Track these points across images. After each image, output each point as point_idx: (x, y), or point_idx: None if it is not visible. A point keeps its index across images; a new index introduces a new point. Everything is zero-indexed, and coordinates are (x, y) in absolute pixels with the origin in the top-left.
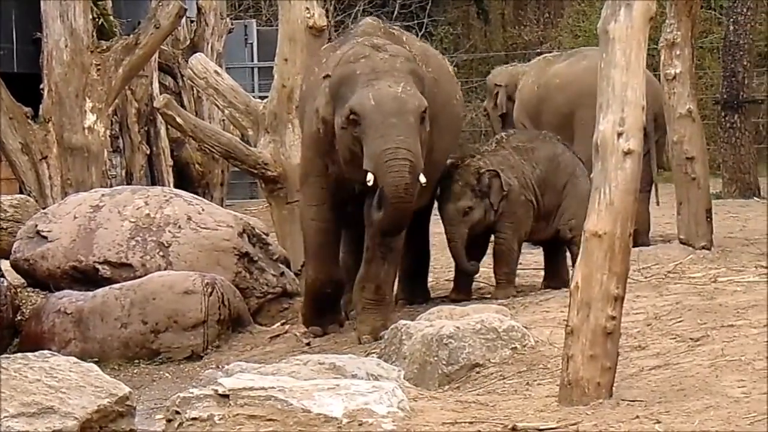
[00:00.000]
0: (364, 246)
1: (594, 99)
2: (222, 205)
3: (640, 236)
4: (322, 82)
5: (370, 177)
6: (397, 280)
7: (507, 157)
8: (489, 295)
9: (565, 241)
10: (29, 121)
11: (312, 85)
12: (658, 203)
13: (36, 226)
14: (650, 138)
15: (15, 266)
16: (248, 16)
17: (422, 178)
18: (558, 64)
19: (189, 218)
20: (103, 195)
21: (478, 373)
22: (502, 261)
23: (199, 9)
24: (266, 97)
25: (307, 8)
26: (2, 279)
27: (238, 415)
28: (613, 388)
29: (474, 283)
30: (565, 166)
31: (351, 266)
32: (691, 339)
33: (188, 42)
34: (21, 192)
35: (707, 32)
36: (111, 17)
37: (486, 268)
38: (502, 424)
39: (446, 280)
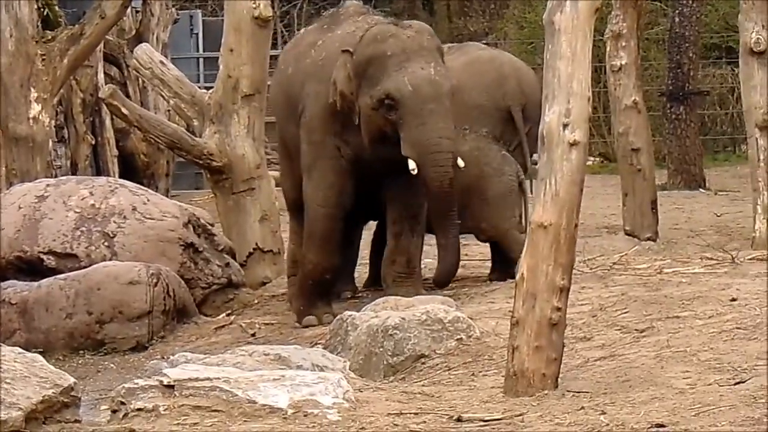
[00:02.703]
0: (390, 220)
1: (462, 96)
2: (167, 196)
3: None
4: (329, 60)
5: (413, 165)
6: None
7: None
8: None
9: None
10: None
11: (307, 68)
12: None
13: None
14: (520, 130)
15: None
16: (194, 7)
17: (460, 162)
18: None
19: (134, 209)
20: (47, 185)
21: (423, 364)
22: None
23: None
24: (212, 87)
25: None
26: None
27: (183, 405)
28: (559, 379)
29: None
30: (466, 165)
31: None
32: (636, 330)
33: (133, 32)
34: None
35: (653, 24)
36: (56, 7)
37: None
38: (447, 414)
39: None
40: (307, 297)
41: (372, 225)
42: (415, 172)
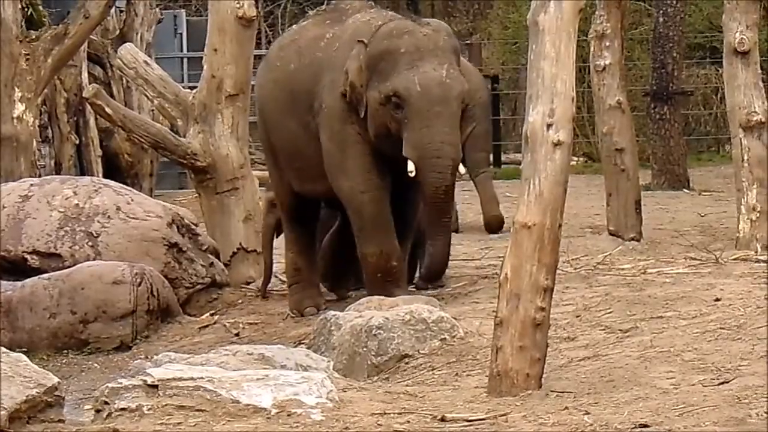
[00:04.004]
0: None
1: None
2: (151, 196)
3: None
4: (344, 50)
5: (411, 167)
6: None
7: None
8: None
9: None
10: None
11: (319, 60)
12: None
13: None
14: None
15: None
16: (178, 6)
17: (462, 169)
18: None
19: (118, 208)
20: (31, 185)
21: (407, 364)
22: None
23: None
24: (196, 87)
25: None
26: None
27: (166, 405)
28: (543, 379)
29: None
30: None
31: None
32: (620, 330)
33: (117, 32)
34: None
35: (637, 24)
36: (40, 7)
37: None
38: (431, 414)
39: None
40: (382, 291)
41: None
42: (413, 174)
